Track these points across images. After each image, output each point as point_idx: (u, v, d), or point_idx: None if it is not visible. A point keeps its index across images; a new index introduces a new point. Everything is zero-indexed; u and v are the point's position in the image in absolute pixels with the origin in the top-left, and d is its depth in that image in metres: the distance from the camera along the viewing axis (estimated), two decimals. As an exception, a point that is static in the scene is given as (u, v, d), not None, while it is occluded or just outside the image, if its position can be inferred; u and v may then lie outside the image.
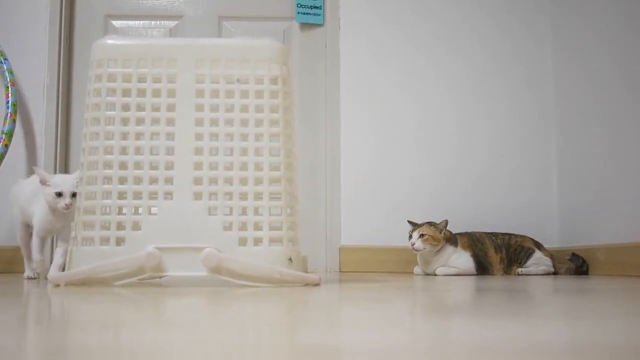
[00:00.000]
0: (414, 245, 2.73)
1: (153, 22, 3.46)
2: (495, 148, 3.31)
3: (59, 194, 2.17)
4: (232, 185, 1.88)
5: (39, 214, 2.27)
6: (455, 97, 3.34)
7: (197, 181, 1.87)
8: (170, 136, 1.90)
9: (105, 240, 1.85)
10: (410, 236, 2.77)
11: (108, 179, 1.88)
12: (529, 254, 2.82)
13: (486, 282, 2.15)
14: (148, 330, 0.88)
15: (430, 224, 2.77)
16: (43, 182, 2.18)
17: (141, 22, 3.45)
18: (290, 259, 1.86)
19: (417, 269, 2.89)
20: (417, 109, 3.33)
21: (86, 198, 1.88)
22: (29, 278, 2.36)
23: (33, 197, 2.32)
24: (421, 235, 2.73)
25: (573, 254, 2.84)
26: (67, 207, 2.17)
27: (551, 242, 3.17)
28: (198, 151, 1.89)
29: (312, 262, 3.23)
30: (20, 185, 2.47)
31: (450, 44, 3.36)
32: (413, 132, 3.31)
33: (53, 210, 2.22)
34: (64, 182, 2.19)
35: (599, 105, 2.87)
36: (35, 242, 2.30)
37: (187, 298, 1.45)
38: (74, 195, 2.17)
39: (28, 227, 2.43)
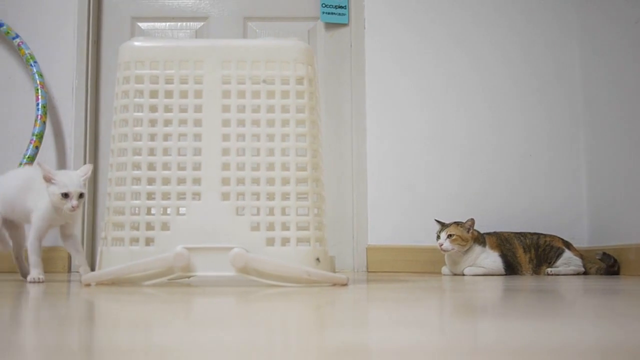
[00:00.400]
0: (442, 246, 2.72)
1: (179, 24, 3.48)
2: (523, 147, 3.28)
3: (66, 195, 1.99)
4: (259, 186, 1.88)
5: (40, 213, 2.06)
6: (483, 96, 3.31)
7: (225, 181, 1.88)
8: (197, 137, 1.91)
9: (134, 241, 1.86)
10: (438, 236, 2.75)
11: (137, 180, 1.90)
12: (558, 253, 2.79)
13: (515, 283, 2.13)
14: (177, 330, 0.89)
15: (457, 223, 2.76)
16: (47, 180, 2.00)
17: (167, 23, 3.48)
18: (317, 259, 1.86)
19: (444, 269, 2.87)
20: (444, 108, 3.31)
21: (115, 199, 1.89)
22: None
23: (27, 191, 2.10)
24: (449, 236, 2.71)
25: (604, 253, 2.80)
26: (74, 209, 2.00)
27: (581, 241, 3.13)
28: (225, 152, 1.90)
29: (339, 262, 3.23)
30: (5, 178, 2.21)
31: (477, 41, 3.33)
32: (440, 131, 3.29)
33: (57, 209, 2.03)
34: (71, 181, 2.01)
35: (629, 102, 2.83)
36: (35, 245, 2.07)
37: (216, 298, 1.45)
38: (81, 196, 2.02)
39: (13, 223, 2.24)
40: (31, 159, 2.97)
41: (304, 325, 0.98)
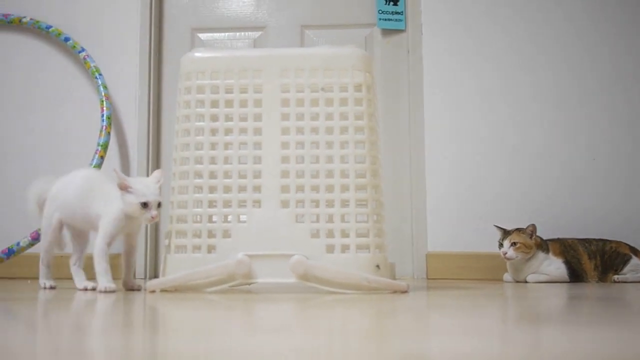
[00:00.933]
0: (506, 255, 2.66)
1: (237, 34, 3.53)
2: (586, 151, 3.20)
3: (145, 205, 1.90)
4: (318, 193, 1.89)
5: (110, 219, 1.97)
6: (543, 99, 3.25)
7: (284, 189, 1.90)
8: (257, 145, 1.93)
9: (197, 248, 1.90)
10: (501, 244, 2.70)
11: (199, 188, 1.93)
12: (625, 260, 2.71)
13: (580, 290, 2.08)
14: (239, 336, 0.90)
15: (519, 230, 2.70)
16: (123, 188, 1.91)
17: (226, 34, 3.53)
18: (377, 266, 1.85)
19: (506, 276, 2.82)
20: (504, 113, 3.26)
21: (178, 207, 1.93)
22: (51, 287, 2.10)
23: (88, 195, 2.02)
24: (513, 244, 2.65)
25: (674, 260, 2.70)
26: (154, 219, 1.92)
27: (649, 247, 3.03)
28: (285, 159, 1.92)
29: (399, 269, 3.21)
30: (63, 182, 2.13)
31: (538, 45, 3.28)
32: (500, 136, 3.25)
33: (129, 217, 1.95)
34: (149, 190, 1.93)
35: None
36: (103, 252, 1.95)
37: (277, 305, 1.47)
38: (159, 205, 1.94)
39: (75, 229, 2.15)
40: (97, 169, 3.06)
41: (365, 332, 0.98)
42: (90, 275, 2.04)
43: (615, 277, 2.68)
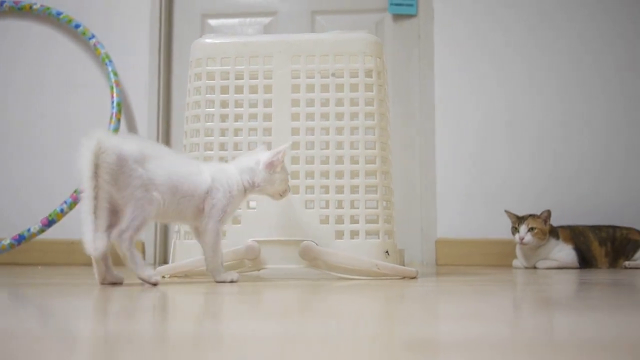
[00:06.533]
0: (524, 240, 2.64)
1: (248, 20, 3.52)
2: (598, 138, 3.18)
3: None
4: (328, 179, 1.90)
5: None
6: (557, 86, 3.23)
7: (294, 175, 1.90)
8: (267, 131, 1.94)
9: (207, 234, 1.90)
10: (516, 229, 2.69)
11: (208, 174, 1.93)
12: (636, 246, 2.70)
13: (590, 276, 2.08)
14: (246, 321, 0.90)
15: (533, 216, 2.69)
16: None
17: (236, 19, 3.53)
18: (387, 252, 1.86)
19: (516, 262, 2.82)
20: (516, 98, 3.24)
21: (188, 193, 1.93)
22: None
23: None
24: (531, 229, 2.64)
25: (686, 246, 2.69)
26: None
27: (660, 234, 3.02)
28: (294, 146, 1.92)
29: (408, 255, 3.21)
30: None
31: (552, 28, 3.25)
32: (511, 122, 3.23)
33: None
34: None
35: None
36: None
37: (286, 290, 1.47)
38: None
39: None
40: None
41: (374, 318, 0.98)
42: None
43: (626, 263, 2.68)
